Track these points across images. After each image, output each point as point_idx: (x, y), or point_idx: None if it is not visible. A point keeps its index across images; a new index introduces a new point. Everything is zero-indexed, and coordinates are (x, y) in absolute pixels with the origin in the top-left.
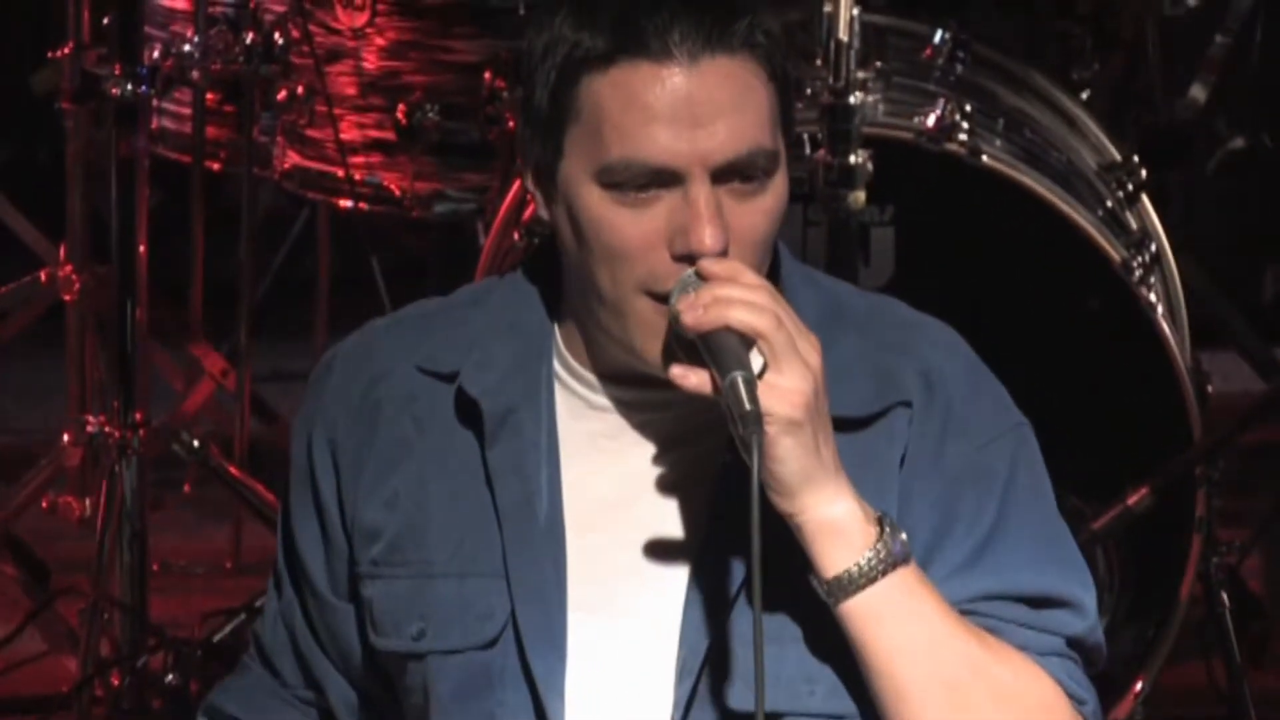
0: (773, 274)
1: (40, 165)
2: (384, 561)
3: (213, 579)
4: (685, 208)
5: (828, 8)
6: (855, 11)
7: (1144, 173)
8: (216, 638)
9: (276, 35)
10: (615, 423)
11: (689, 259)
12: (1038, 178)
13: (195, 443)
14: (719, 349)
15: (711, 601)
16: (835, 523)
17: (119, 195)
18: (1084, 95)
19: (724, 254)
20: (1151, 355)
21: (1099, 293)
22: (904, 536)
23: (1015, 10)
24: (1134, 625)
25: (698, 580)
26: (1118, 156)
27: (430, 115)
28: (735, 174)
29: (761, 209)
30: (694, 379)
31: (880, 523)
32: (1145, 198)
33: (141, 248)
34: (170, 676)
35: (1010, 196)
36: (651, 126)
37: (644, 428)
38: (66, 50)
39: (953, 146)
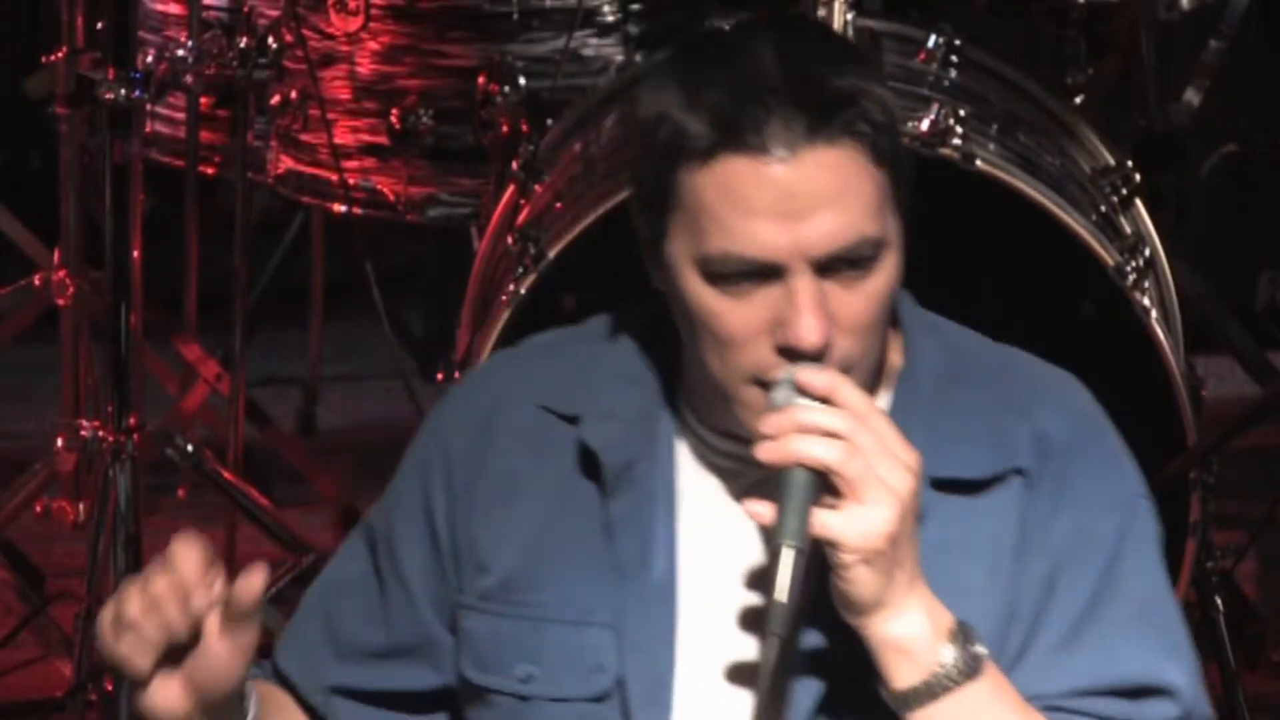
0: (894, 326)
1: (34, 170)
2: (493, 598)
3: None
4: (786, 299)
5: (821, 12)
6: (849, 16)
7: (1138, 177)
8: None
9: (270, 40)
10: (734, 479)
11: (789, 351)
12: (1032, 182)
13: (189, 447)
14: (783, 490)
15: (814, 661)
16: (902, 641)
17: (113, 200)
18: (1078, 100)
19: (825, 347)
20: (1146, 360)
21: (1093, 297)
22: (979, 649)
23: (1010, 15)
24: None
25: (802, 638)
26: (1112, 161)
27: (424, 120)
28: (839, 263)
29: (868, 293)
30: (766, 515)
31: (953, 636)
32: (1139, 202)
33: (135, 252)
34: None
35: (1004, 201)
36: (750, 220)
37: (761, 484)
38: (60, 55)
39: (946, 151)
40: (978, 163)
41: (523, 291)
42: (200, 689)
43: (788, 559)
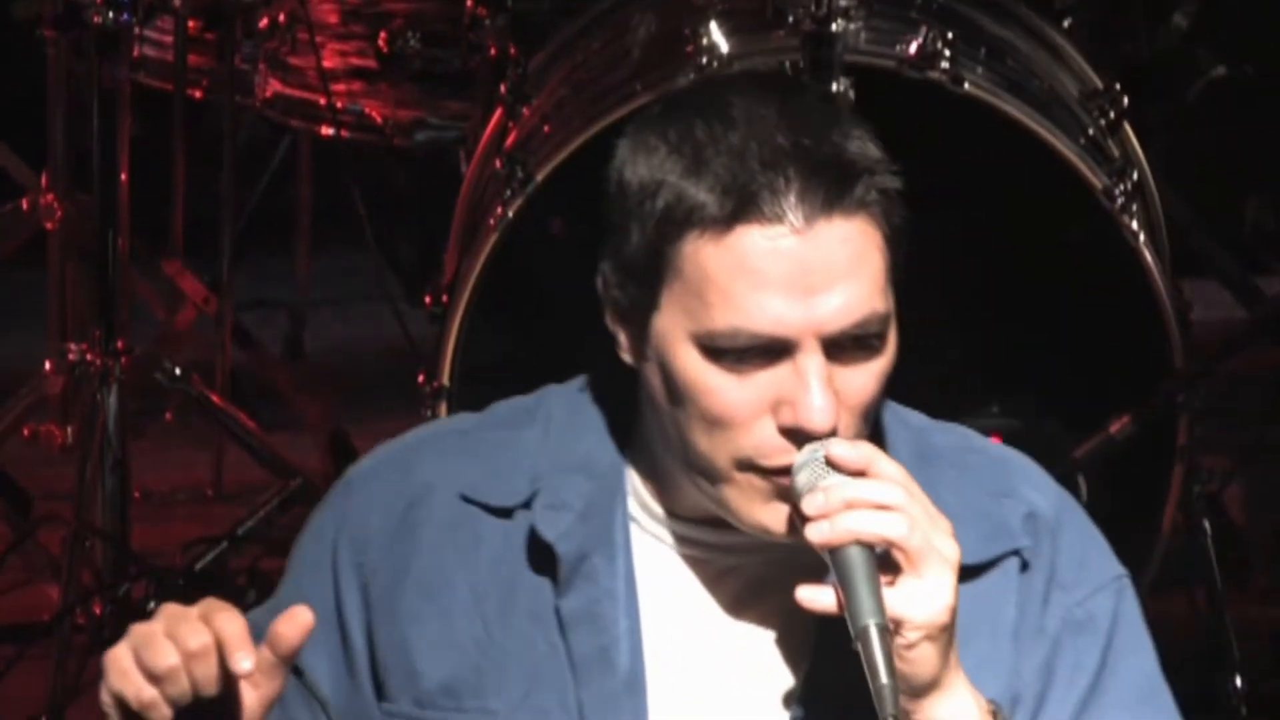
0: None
1: (21, 94)
2: (432, 705)
3: (194, 507)
4: (794, 377)
5: None
6: None
7: (1126, 101)
8: (198, 566)
9: None
10: (703, 567)
11: (797, 433)
12: (1019, 106)
13: (177, 371)
14: (846, 570)
15: None
16: None
17: (101, 124)
18: (1066, 24)
19: (835, 428)
20: (1134, 283)
21: (1081, 221)
22: None
23: None
24: (1116, 553)
25: None
26: (1100, 85)
27: (412, 43)
28: (848, 340)
29: (872, 372)
30: (825, 601)
31: (994, 715)
32: (1127, 126)
33: (123, 176)
34: (152, 605)
35: (992, 124)
36: (762, 294)
37: (731, 572)
38: None
39: (934, 74)
40: (965, 86)
41: (510, 215)
42: None
43: (877, 638)
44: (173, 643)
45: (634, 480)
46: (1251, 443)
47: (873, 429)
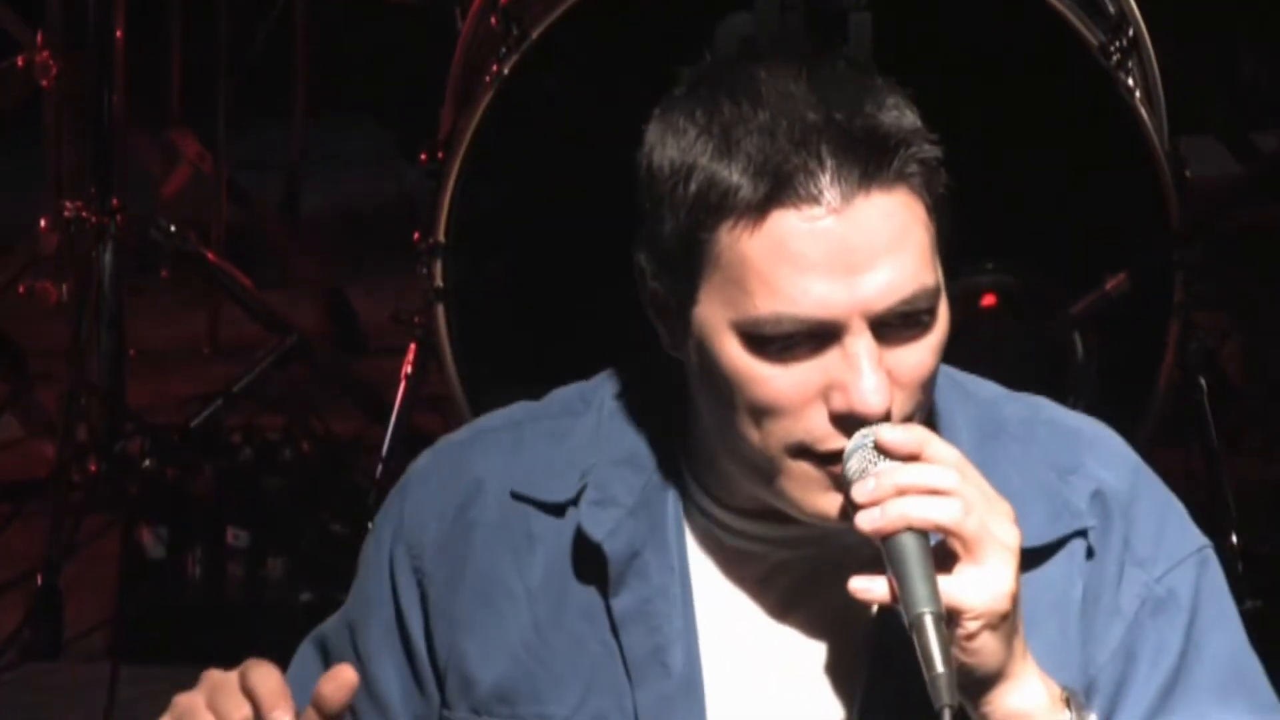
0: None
1: None
2: (488, 711)
3: (190, 364)
4: (843, 361)
5: None
6: None
7: None
8: (194, 423)
9: None
10: (757, 562)
11: (849, 417)
12: None
13: (172, 228)
14: (898, 558)
15: None
16: (1025, 713)
17: None
18: None
19: (889, 410)
20: (1129, 140)
21: (1076, 78)
22: (1093, 718)
23: None
24: (1112, 411)
25: None
26: None
27: None
28: (896, 318)
29: (926, 347)
30: (878, 591)
31: (1067, 703)
32: None
33: (119, 33)
34: (147, 462)
35: None
36: (805, 278)
37: (789, 566)
38: None
39: None
40: None
41: (505, 72)
42: None
43: (932, 626)
44: (214, 716)
45: (686, 473)
46: (1248, 300)
47: (933, 402)
